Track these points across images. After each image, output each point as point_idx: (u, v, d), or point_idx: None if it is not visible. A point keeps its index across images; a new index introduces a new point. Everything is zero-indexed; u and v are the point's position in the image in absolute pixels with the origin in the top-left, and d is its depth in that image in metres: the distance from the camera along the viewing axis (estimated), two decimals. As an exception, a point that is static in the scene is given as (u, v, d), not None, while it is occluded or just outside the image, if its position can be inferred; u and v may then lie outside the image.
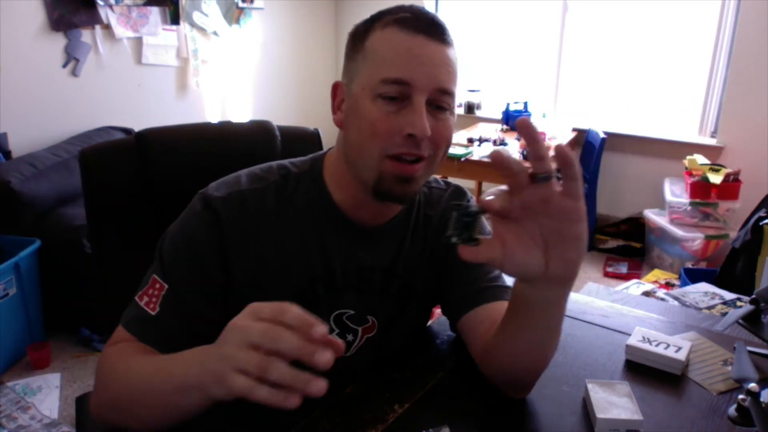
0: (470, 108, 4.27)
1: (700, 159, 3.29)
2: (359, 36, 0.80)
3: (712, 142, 3.55)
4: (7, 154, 2.61)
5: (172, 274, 0.78)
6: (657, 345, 0.90)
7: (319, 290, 0.83)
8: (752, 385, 0.74)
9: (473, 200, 0.56)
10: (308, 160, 0.88)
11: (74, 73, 2.94)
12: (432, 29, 0.76)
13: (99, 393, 0.74)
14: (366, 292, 0.86)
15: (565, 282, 0.64)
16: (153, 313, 0.76)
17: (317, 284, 0.83)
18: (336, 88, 0.84)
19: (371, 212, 0.84)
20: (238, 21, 3.85)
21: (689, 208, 3.19)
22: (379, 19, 0.79)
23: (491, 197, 0.58)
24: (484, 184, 4.04)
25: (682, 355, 0.88)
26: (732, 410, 0.78)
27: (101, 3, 2.95)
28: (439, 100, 0.76)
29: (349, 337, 0.86)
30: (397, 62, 0.74)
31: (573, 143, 3.81)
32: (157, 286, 0.77)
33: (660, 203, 3.52)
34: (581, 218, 0.58)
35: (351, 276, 0.85)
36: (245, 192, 0.81)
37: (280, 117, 4.10)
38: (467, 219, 0.56)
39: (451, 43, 0.78)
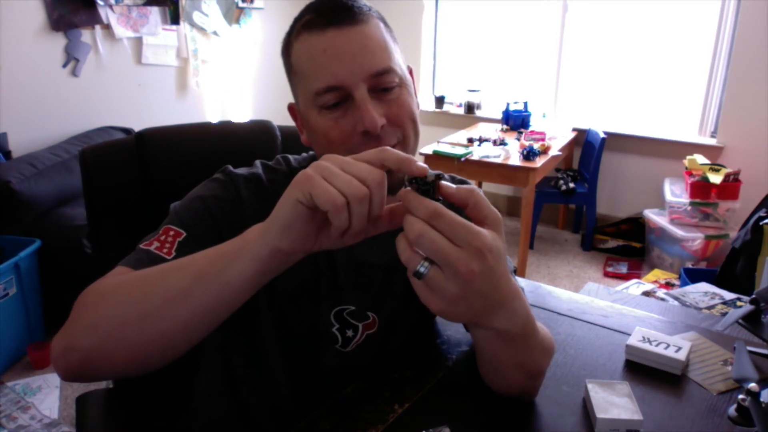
0: (470, 108, 4.27)
1: (700, 159, 3.29)
2: (285, 54, 0.81)
3: (712, 142, 3.55)
4: (7, 154, 2.62)
5: (191, 224, 0.75)
6: (657, 345, 0.90)
7: (321, 286, 0.84)
8: (752, 385, 0.74)
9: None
10: (308, 157, 0.90)
11: (74, 73, 2.94)
12: (338, 17, 0.73)
13: (84, 314, 0.63)
14: (366, 289, 0.86)
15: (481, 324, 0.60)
16: (169, 257, 0.70)
17: (321, 280, 0.84)
18: (291, 110, 0.86)
19: None
20: (238, 21, 3.85)
21: (689, 208, 3.19)
22: (292, 30, 0.78)
23: None
24: (485, 185, 4.04)
25: (682, 355, 0.88)
26: (732, 410, 0.78)
27: (101, 3, 2.95)
28: (380, 83, 0.74)
29: (349, 333, 0.86)
30: (318, 71, 0.73)
31: (573, 143, 3.81)
32: (172, 233, 0.73)
33: (660, 203, 3.52)
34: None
35: (351, 273, 0.85)
36: (262, 177, 0.83)
37: (280, 117, 4.05)
38: (425, 187, 0.53)
39: (365, 19, 0.74)
